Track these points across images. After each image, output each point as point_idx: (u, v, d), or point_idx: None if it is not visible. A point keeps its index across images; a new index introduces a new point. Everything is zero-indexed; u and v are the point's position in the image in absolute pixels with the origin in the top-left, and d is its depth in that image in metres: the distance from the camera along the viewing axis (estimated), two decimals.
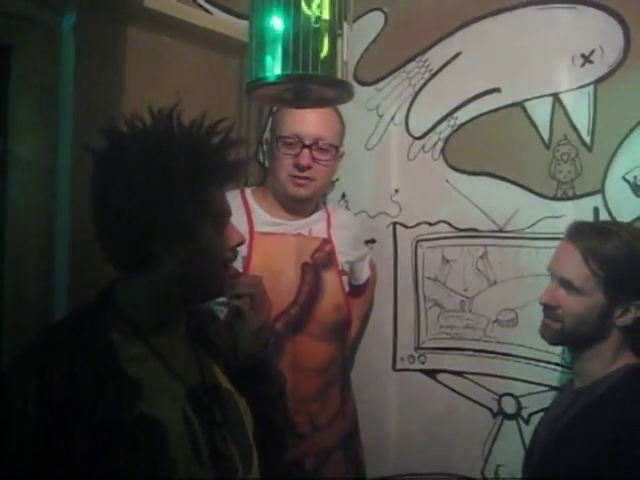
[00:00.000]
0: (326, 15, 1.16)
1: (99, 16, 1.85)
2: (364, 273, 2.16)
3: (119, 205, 1.14)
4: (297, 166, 1.88)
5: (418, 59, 2.17)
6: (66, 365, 1.11)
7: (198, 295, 1.26)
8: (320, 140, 1.89)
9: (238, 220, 1.89)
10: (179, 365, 1.22)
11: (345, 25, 1.18)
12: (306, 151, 1.87)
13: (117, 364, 1.14)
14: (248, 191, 2.02)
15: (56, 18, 1.80)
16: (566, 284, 1.58)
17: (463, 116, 2.09)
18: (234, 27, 2.19)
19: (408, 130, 2.19)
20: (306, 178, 1.89)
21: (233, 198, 1.93)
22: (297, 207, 1.97)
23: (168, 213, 1.13)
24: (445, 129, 2.12)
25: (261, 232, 1.92)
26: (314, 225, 2.00)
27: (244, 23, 1.33)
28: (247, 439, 1.28)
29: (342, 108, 1.92)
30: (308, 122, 1.88)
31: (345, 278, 2.05)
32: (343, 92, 1.21)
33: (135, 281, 1.21)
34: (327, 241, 1.99)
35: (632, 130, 1.82)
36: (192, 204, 1.14)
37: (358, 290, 2.17)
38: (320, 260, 1.96)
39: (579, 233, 1.59)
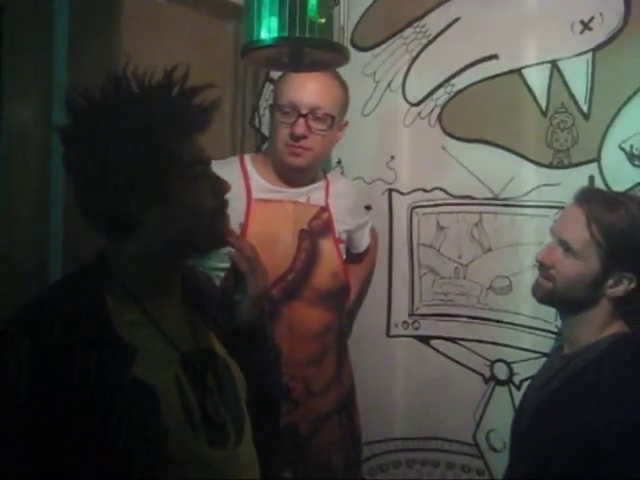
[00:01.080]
0: None
1: None
2: (364, 241, 2.17)
3: (91, 177, 1.15)
4: (292, 135, 1.87)
5: (415, 25, 2.14)
6: (59, 328, 1.11)
7: (189, 249, 1.25)
8: (317, 109, 1.87)
9: (236, 187, 1.89)
10: (173, 331, 1.23)
11: None
12: (301, 120, 1.86)
13: (111, 328, 1.15)
14: (247, 158, 2.02)
15: None
16: (564, 245, 1.58)
17: (460, 83, 2.08)
18: None
19: (405, 96, 2.18)
20: (301, 147, 1.88)
21: (231, 165, 1.96)
22: (294, 176, 1.97)
23: (137, 173, 1.13)
24: (442, 96, 2.11)
25: (259, 199, 1.92)
26: (312, 193, 2.00)
27: None
28: (239, 406, 1.28)
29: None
30: (305, 91, 1.86)
31: (343, 246, 2.05)
32: (339, 56, 1.20)
33: (125, 246, 1.21)
34: (324, 209, 2.00)
35: (630, 98, 1.81)
36: (160, 159, 1.13)
37: (358, 257, 2.18)
38: (317, 228, 1.97)
39: (587, 198, 1.60)
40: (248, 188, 1.93)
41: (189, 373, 1.21)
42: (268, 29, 1.11)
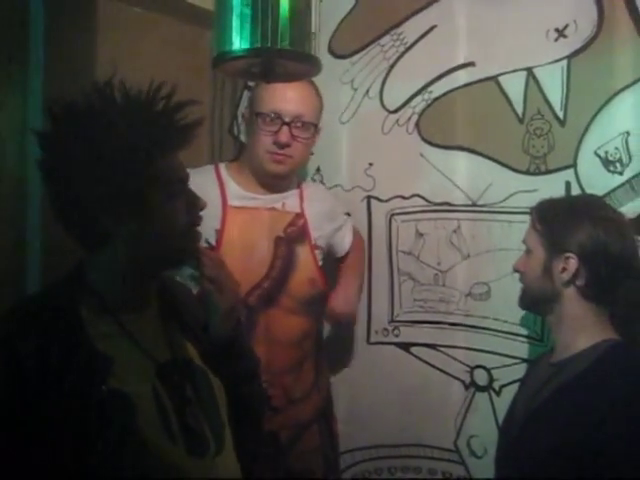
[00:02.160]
0: None
1: None
2: (345, 241, 2.15)
3: (67, 185, 1.15)
4: (276, 143, 1.88)
5: (393, 32, 2.15)
6: (34, 341, 1.11)
7: (159, 264, 1.25)
8: (300, 117, 1.88)
9: (211, 194, 1.91)
10: (149, 342, 1.22)
11: None
12: (285, 128, 1.87)
13: (86, 340, 1.15)
14: (222, 166, 2.02)
15: None
16: (526, 249, 1.68)
17: (437, 90, 2.08)
18: None
19: (383, 104, 2.18)
20: (284, 155, 1.89)
21: (206, 173, 1.96)
22: (273, 183, 1.97)
23: (113, 186, 1.13)
24: (419, 103, 2.11)
25: (234, 206, 1.92)
26: (287, 200, 2.00)
27: None
28: (219, 416, 1.28)
29: (317, 81, 1.91)
30: (288, 99, 1.87)
31: (319, 252, 2.04)
32: (311, 67, 1.20)
33: (100, 257, 1.21)
34: (300, 215, 2.00)
35: (604, 105, 1.83)
36: (137, 174, 1.14)
37: (345, 258, 2.15)
38: (293, 234, 1.97)
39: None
40: (223, 195, 1.93)
41: (166, 384, 1.21)
42: (238, 40, 1.11)
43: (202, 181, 1.88)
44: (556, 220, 1.60)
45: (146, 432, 1.13)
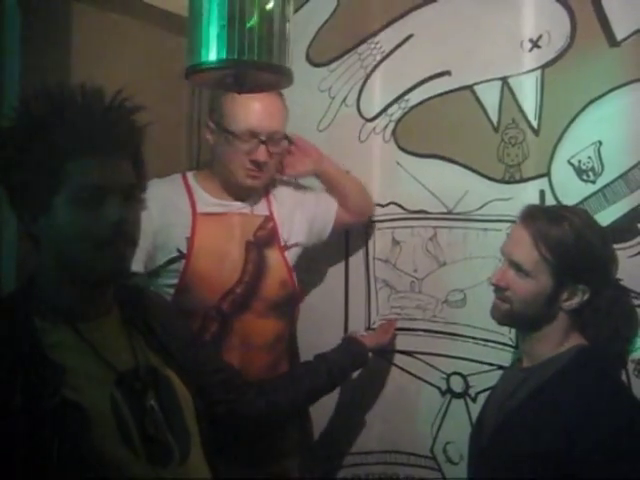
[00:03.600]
0: None
1: None
2: (330, 211, 2.12)
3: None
4: (254, 162, 1.86)
5: (370, 41, 2.16)
6: None
7: (78, 275, 1.19)
8: (275, 134, 1.88)
9: (180, 203, 1.90)
10: (111, 350, 1.21)
11: (287, 8, 1.17)
12: (263, 147, 1.85)
13: (40, 351, 1.13)
14: (190, 174, 2.00)
15: None
16: (516, 266, 1.59)
17: (414, 98, 2.10)
18: (185, 5, 2.16)
19: (360, 112, 2.19)
20: (261, 171, 1.89)
21: (174, 181, 1.94)
22: (246, 193, 1.97)
23: (17, 185, 1.14)
24: (396, 111, 2.13)
25: (204, 213, 1.92)
26: (256, 204, 2.00)
27: None
28: (183, 424, 1.27)
29: (294, 89, 1.89)
30: (263, 116, 1.85)
31: (298, 249, 2.05)
32: (284, 77, 1.21)
33: (41, 264, 1.21)
34: (269, 218, 2.00)
35: (577, 115, 1.84)
36: (44, 176, 1.12)
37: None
38: (262, 238, 1.97)
39: (531, 217, 1.60)
40: (192, 203, 1.91)
41: (127, 392, 1.19)
42: (212, 51, 1.11)
43: (170, 190, 1.89)
44: (571, 255, 1.54)
45: (102, 442, 1.12)
